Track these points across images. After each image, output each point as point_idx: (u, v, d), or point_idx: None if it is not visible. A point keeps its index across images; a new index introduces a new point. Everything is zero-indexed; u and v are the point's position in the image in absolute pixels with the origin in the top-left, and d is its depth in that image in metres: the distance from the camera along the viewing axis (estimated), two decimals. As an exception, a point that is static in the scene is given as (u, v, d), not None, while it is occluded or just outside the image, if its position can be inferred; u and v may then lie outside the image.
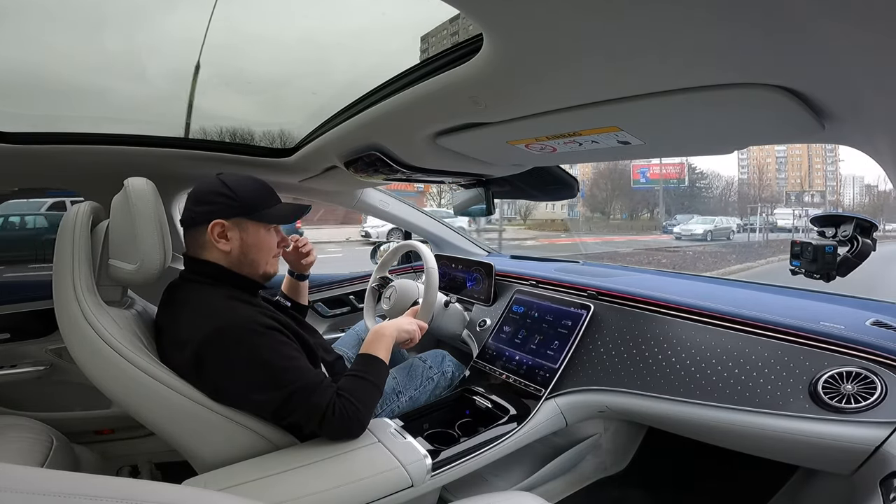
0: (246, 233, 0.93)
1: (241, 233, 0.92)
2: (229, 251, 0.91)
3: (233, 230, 0.91)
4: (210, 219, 0.90)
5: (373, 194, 1.81)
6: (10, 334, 1.36)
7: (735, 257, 10.86)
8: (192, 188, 0.95)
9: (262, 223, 0.94)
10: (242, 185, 0.93)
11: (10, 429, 1.03)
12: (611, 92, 0.61)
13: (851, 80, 0.47)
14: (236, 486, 0.78)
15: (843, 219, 0.89)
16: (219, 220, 0.90)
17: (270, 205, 0.95)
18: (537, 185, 1.34)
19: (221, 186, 0.91)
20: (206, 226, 0.90)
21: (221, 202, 0.90)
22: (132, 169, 0.98)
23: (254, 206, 0.92)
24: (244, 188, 0.93)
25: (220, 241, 0.90)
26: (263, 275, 0.97)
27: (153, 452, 1.39)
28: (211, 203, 0.90)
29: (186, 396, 0.81)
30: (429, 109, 0.80)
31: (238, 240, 0.92)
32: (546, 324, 1.31)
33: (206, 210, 0.90)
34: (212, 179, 0.93)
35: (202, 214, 0.90)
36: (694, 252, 11.75)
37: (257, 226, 0.94)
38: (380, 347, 0.98)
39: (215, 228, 0.90)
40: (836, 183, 25.55)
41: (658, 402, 1.04)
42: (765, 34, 0.42)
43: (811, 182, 24.71)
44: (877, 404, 0.81)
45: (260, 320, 0.85)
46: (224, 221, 0.90)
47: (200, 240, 0.92)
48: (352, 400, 0.86)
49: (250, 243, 0.93)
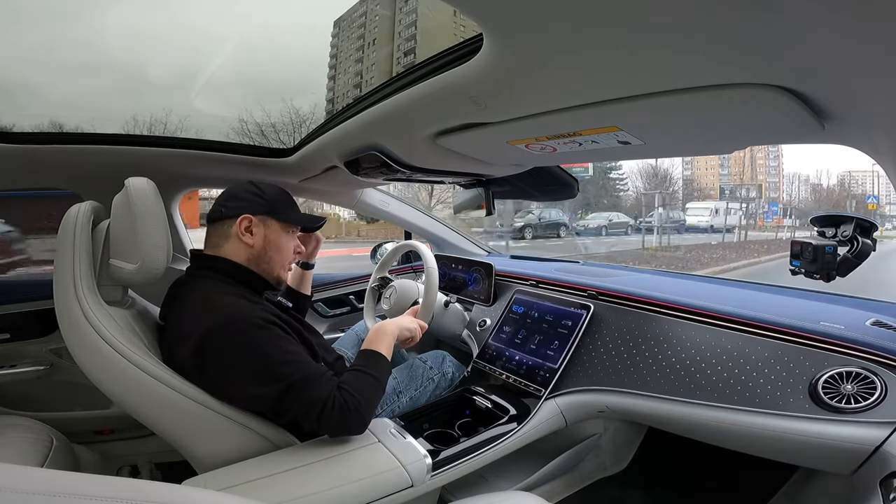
0: (270, 230, 0.99)
1: (265, 230, 0.98)
2: (252, 245, 0.97)
3: (258, 226, 0.97)
4: (240, 213, 0.96)
5: (373, 194, 1.81)
6: (10, 334, 1.36)
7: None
8: (225, 189, 1.02)
9: (286, 224, 1.01)
10: (271, 189, 1.02)
11: (10, 429, 1.03)
12: (611, 92, 0.61)
13: (852, 81, 0.47)
14: (236, 486, 0.78)
15: (843, 219, 0.89)
16: (248, 214, 0.96)
17: (294, 211, 1.04)
18: (537, 185, 1.34)
19: (253, 187, 1.00)
20: (234, 219, 0.95)
21: (252, 199, 0.98)
22: (132, 169, 0.98)
23: (280, 207, 1.00)
24: (273, 191, 1.01)
25: (246, 235, 0.96)
26: (277, 277, 1.02)
27: (153, 452, 1.39)
28: (242, 199, 0.98)
29: (187, 396, 0.81)
30: (429, 109, 0.80)
31: (262, 236, 0.98)
32: (546, 324, 1.31)
33: (237, 205, 0.97)
34: (244, 182, 1.02)
35: (232, 209, 0.97)
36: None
37: (280, 227, 1.00)
38: (381, 344, 0.98)
39: (243, 222, 0.96)
40: (778, 179, 25.53)
41: (658, 403, 1.04)
42: (765, 34, 0.42)
43: (754, 177, 24.54)
44: (877, 404, 0.81)
45: (262, 315, 0.86)
46: (252, 217, 0.96)
47: (225, 232, 0.96)
48: (353, 393, 0.85)
49: (272, 240, 0.99)
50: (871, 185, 31.36)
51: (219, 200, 1.00)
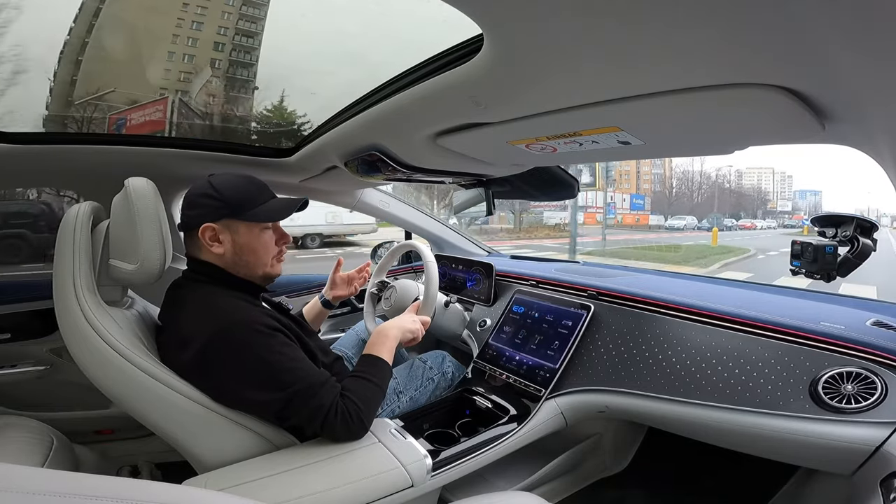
0: (237, 234, 0.90)
1: (231, 234, 0.90)
2: (223, 254, 0.90)
3: (223, 232, 0.89)
4: (200, 222, 0.88)
5: (373, 194, 1.81)
6: (10, 334, 1.36)
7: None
8: (186, 192, 0.93)
9: (253, 223, 0.91)
10: (229, 185, 0.90)
11: (10, 429, 1.03)
12: (611, 92, 0.61)
13: (852, 80, 0.47)
14: (236, 486, 0.78)
15: (843, 219, 0.89)
16: (208, 223, 0.88)
17: (260, 202, 0.92)
18: (537, 185, 1.35)
19: (208, 188, 0.89)
20: (197, 230, 0.88)
21: (208, 204, 0.88)
22: (132, 169, 0.98)
23: (241, 205, 0.89)
24: (231, 188, 0.89)
25: (214, 245, 0.89)
26: (263, 276, 0.95)
27: (153, 452, 1.39)
28: (199, 206, 0.89)
29: (186, 396, 0.81)
30: (429, 109, 0.80)
31: (230, 242, 0.90)
32: (546, 324, 1.31)
33: (196, 214, 0.89)
34: (201, 181, 0.91)
35: (193, 218, 0.89)
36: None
37: (249, 225, 0.91)
38: (383, 349, 0.98)
39: (206, 232, 0.88)
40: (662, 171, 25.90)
41: (658, 403, 1.04)
42: (765, 34, 0.42)
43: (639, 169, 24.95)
44: (877, 404, 0.81)
45: (264, 321, 0.85)
46: (214, 224, 0.88)
47: (196, 242, 0.91)
48: (354, 400, 0.86)
49: (242, 244, 0.91)
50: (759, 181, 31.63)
51: (182, 207, 0.91)
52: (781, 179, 34.02)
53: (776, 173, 33.99)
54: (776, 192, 34.10)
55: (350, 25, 3.26)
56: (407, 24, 1.19)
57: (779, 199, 32.40)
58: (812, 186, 43.02)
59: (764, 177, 34.58)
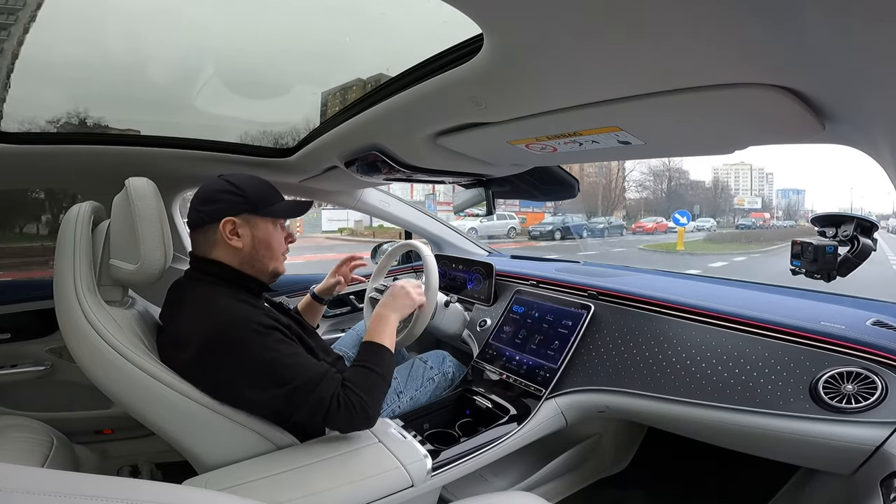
0: (256, 228, 0.94)
1: (251, 229, 0.93)
2: (241, 247, 0.92)
3: (243, 227, 0.93)
4: (220, 216, 0.91)
5: (373, 194, 1.81)
6: (10, 334, 1.36)
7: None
8: (197, 190, 0.95)
9: (271, 218, 0.96)
10: (248, 183, 0.94)
11: (10, 429, 1.03)
12: (611, 92, 0.61)
13: (851, 81, 0.47)
14: (236, 486, 0.78)
15: (843, 219, 0.89)
16: (229, 217, 0.91)
17: (275, 201, 0.97)
18: (538, 184, 1.35)
19: (228, 185, 0.93)
20: (216, 224, 0.91)
21: (230, 199, 0.92)
22: (132, 169, 0.98)
23: (260, 201, 0.94)
24: (250, 186, 0.94)
25: (233, 238, 0.92)
26: (273, 272, 0.98)
27: (153, 452, 1.39)
28: (219, 201, 0.92)
29: (187, 396, 0.81)
30: (429, 109, 0.80)
31: (249, 236, 0.93)
32: (546, 324, 1.31)
33: (215, 208, 0.91)
34: (216, 180, 0.95)
35: (211, 213, 0.91)
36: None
37: (266, 221, 0.95)
38: (384, 335, 0.97)
39: (227, 226, 0.91)
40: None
41: (658, 403, 1.04)
42: (765, 34, 0.42)
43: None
44: (877, 404, 0.81)
45: (262, 320, 0.85)
46: (234, 218, 0.91)
47: (211, 239, 0.92)
48: (356, 390, 0.85)
49: (261, 238, 0.94)
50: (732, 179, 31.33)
51: (195, 204, 0.93)
52: (760, 177, 33.52)
53: (754, 170, 33.45)
54: (752, 190, 33.45)
55: (350, 25, 3.21)
56: (407, 23, 1.17)
57: (750, 196, 31.58)
58: (795, 185, 42.07)
59: (742, 174, 34.09)
